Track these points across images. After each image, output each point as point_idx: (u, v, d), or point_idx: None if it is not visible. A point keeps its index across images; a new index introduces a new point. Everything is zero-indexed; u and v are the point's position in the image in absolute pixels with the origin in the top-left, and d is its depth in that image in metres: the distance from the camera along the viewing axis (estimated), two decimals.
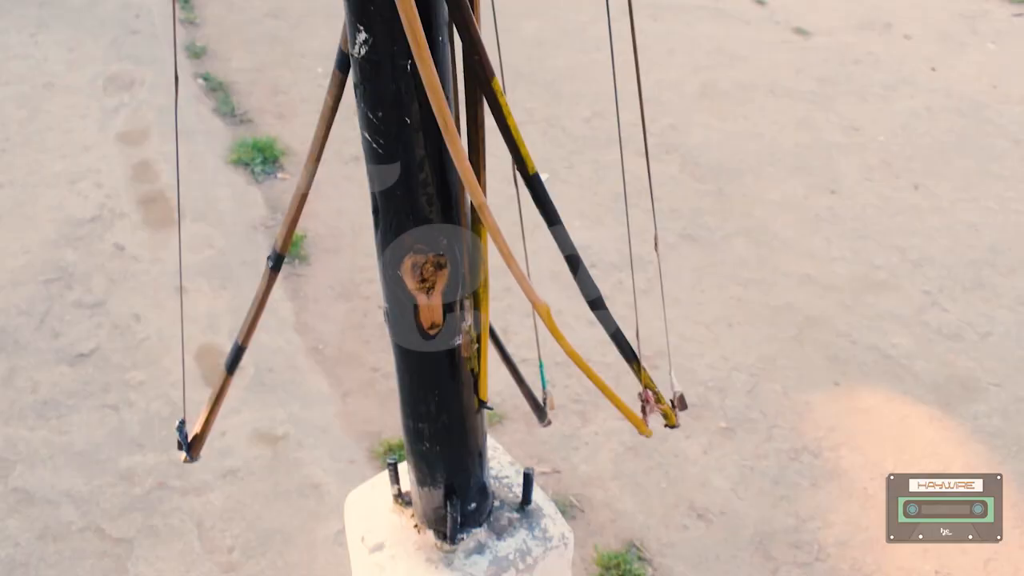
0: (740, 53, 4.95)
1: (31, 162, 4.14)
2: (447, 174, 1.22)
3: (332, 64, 1.24)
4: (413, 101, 1.17)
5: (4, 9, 5.24)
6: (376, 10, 1.13)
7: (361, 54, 1.17)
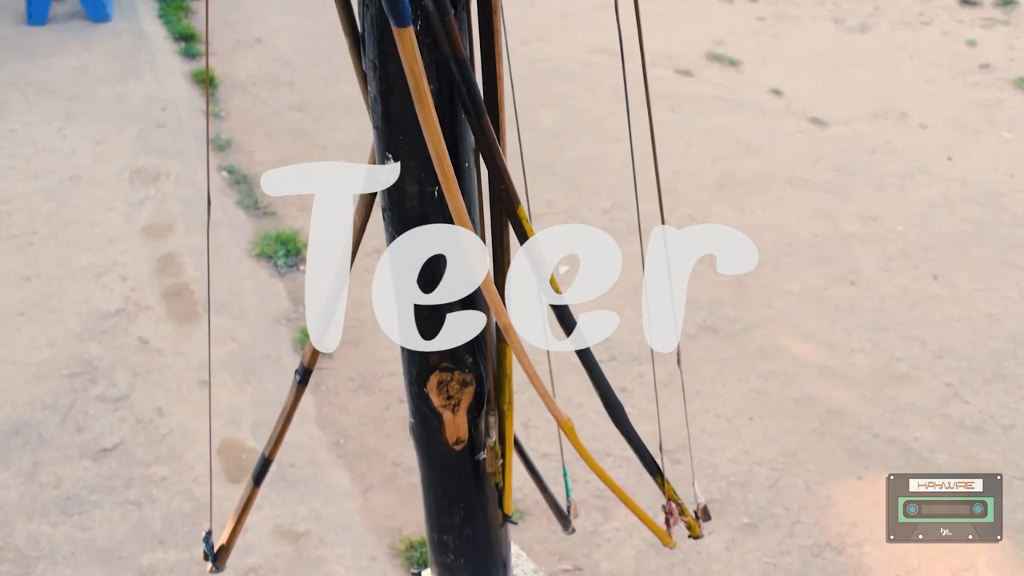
0: (757, 143, 5.04)
1: (57, 255, 4.24)
2: (473, 294, 1.28)
3: (355, 156, 1.30)
4: (440, 222, 1.23)
5: (33, 102, 5.39)
6: (405, 139, 1.20)
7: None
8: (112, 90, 5.46)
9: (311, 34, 6.11)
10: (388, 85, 1.18)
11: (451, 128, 1.19)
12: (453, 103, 1.18)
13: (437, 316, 1.27)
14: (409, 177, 1.23)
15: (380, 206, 1.29)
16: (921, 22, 6.38)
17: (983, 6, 6.59)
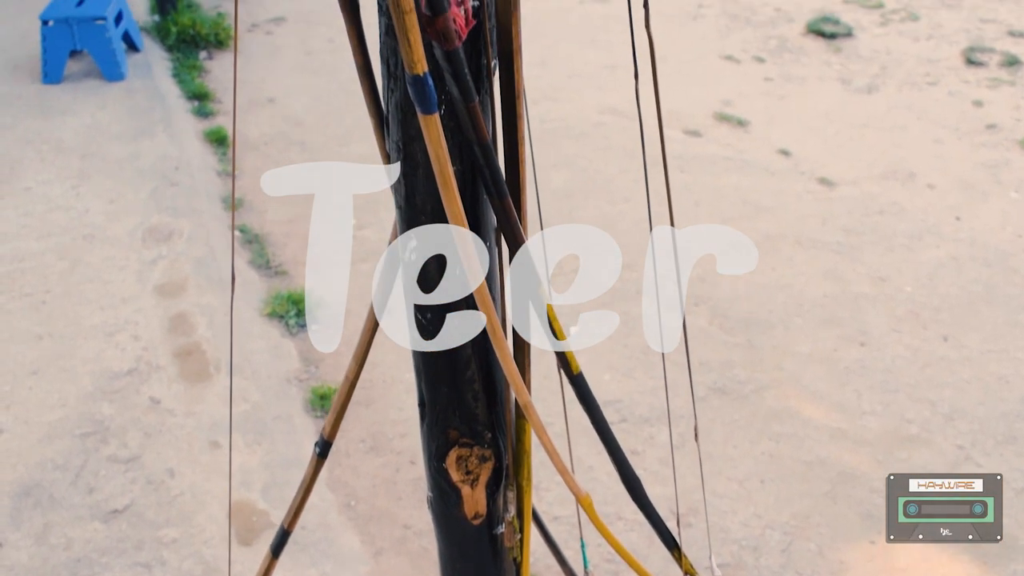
0: (766, 204, 5.08)
1: (70, 314, 4.28)
2: (492, 372, 1.30)
3: (366, 216, 1.33)
4: (461, 304, 1.26)
5: (47, 160, 5.47)
6: (426, 219, 1.23)
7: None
8: (126, 149, 5.53)
9: (323, 94, 6.20)
10: (412, 166, 1.22)
11: (473, 208, 1.23)
12: (475, 184, 1.22)
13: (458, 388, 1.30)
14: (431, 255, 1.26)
15: (403, 284, 1.32)
16: (928, 83, 6.46)
17: (989, 67, 6.67)
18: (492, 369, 1.30)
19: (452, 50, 1.06)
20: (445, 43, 1.06)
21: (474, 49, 1.17)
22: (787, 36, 7.01)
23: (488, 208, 1.24)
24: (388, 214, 3.91)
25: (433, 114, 1.05)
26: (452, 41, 1.06)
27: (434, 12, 1.04)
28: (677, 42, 6.83)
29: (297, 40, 6.94)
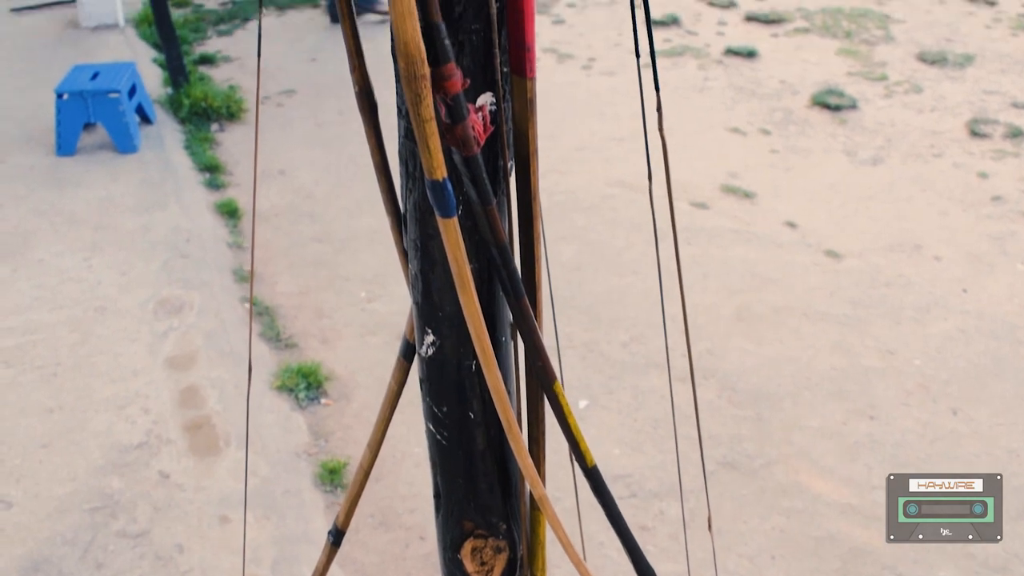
0: (773, 276, 5.13)
1: (81, 387, 4.31)
2: (508, 464, 1.34)
3: (376, 288, 1.36)
4: (476, 398, 1.30)
5: (60, 232, 5.54)
6: (444, 316, 1.28)
7: (428, 354, 1.31)
8: (138, 220, 5.62)
9: (333, 166, 6.29)
10: (429, 264, 1.27)
11: (489, 305, 1.27)
12: (492, 281, 1.27)
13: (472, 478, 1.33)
14: (448, 351, 1.30)
15: (418, 377, 1.36)
16: (932, 154, 6.53)
17: (993, 138, 6.75)
18: (507, 461, 1.34)
19: (471, 156, 1.11)
20: (464, 149, 1.11)
21: (491, 151, 1.22)
22: (792, 108, 7.12)
23: (504, 304, 1.28)
24: (398, 286, 3.99)
25: (452, 218, 1.10)
26: (471, 148, 1.11)
27: (453, 120, 1.09)
28: (684, 114, 6.93)
29: (308, 112, 7.06)
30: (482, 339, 1.17)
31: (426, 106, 1.05)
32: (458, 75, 1.08)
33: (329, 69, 7.70)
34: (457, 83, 1.08)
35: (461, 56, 1.18)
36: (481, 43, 1.19)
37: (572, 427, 1.26)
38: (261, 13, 1.42)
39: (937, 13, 8.95)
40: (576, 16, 8.97)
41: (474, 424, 1.31)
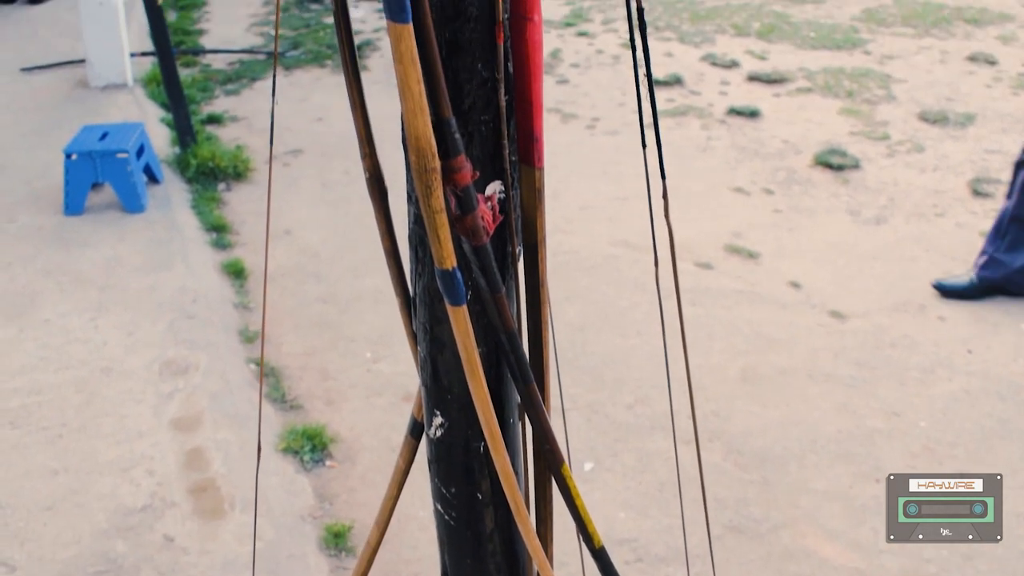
0: (778, 337, 5.15)
1: (86, 448, 4.33)
2: (515, 544, 1.36)
3: (381, 349, 1.38)
4: (485, 479, 1.32)
5: (67, 292, 5.58)
6: (453, 399, 1.30)
7: (437, 435, 1.33)
8: (144, 280, 5.66)
9: (339, 226, 6.35)
10: (438, 347, 1.29)
11: (497, 387, 1.30)
12: (500, 365, 1.29)
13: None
14: (456, 433, 1.32)
15: (427, 458, 1.38)
16: (935, 214, 6.58)
17: (995, 198, 6.79)
18: (515, 542, 1.35)
19: (480, 246, 1.14)
20: (474, 239, 1.15)
21: (499, 238, 1.26)
22: (795, 168, 7.18)
23: (512, 386, 1.31)
24: (403, 347, 4.03)
25: (462, 306, 1.13)
26: (480, 238, 1.14)
27: (463, 211, 1.13)
28: (688, 174, 7.00)
29: (314, 172, 7.14)
30: (490, 423, 1.19)
31: (436, 198, 1.09)
32: (468, 167, 1.12)
33: (336, 129, 7.79)
34: (467, 175, 1.12)
35: (471, 146, 1.22)
36: (490, 133, 1.23)
37: (580, 509, 1.28)
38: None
39: (938, 72, 9.06)
40: (580, 76, 9.09)
41: (482, 505, 1.33)
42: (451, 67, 1.20)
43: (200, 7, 11.29)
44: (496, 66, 1.20)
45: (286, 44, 9.81)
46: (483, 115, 1.22)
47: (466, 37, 1.20)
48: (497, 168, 1.23)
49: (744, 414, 4.58)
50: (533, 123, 1.22)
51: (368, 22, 10.31)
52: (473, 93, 1.21)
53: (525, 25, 1.19)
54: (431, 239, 1.11)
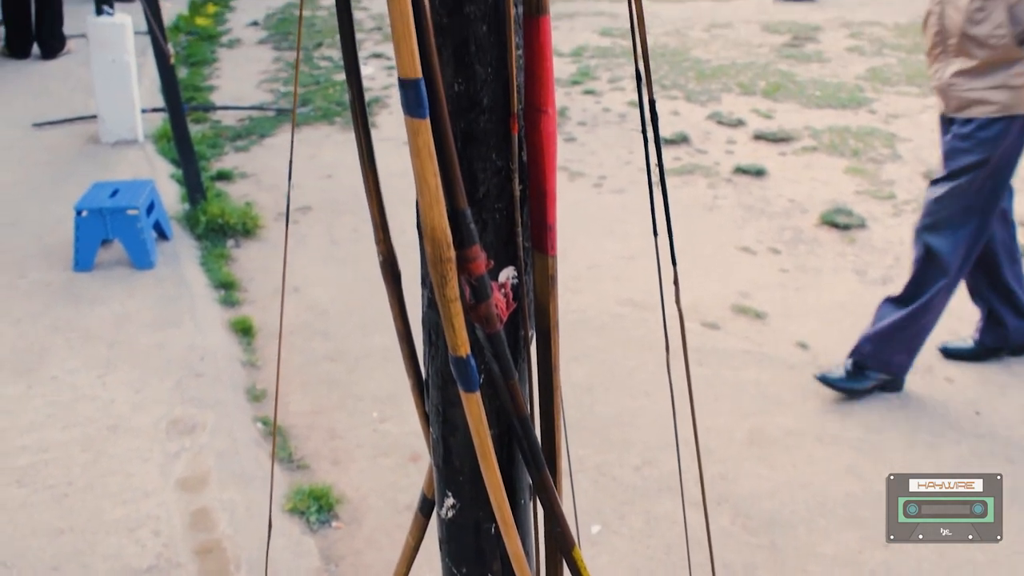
0: (786, 399, 5.16)
1: (92, 507, 4.33)
2: None
3: (388, 408, 1.40)
4: (496, 560, 1.34)
5: (75, 349, 5.61)
6: (464, 480, 1.32)
7: (448, 516, 1.35)
8: (153, 338, 5.69)
9: (347, 284, 6.39)
10: (450, 429, 1.32)
11: (509, 468, 1.32)
12: (511, 446, 1.31)
13: None
14: (467, 514, 1.34)
15: (438, 538, 1.39)
16: None
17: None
18: None
19: (494, 333, 1.17)
20: (487, 327, 1.17)
21: (512, 322, 1.28)
22: (802, 227, 7.23)
23: (523, 468, 1.33)
24: (410, 406, 4.03)
25: (475, 392, 1.15)
26: (494, 325, 1.17)
27: (477, 299, 1.16)
28: (694, 233, 7.04)
29: (323, 229, 7.19)
30: (502, 506, 1.21)
31: (451, 287, 1.11)
32: (482, 257, 1.15)
33: (345, 186, 7.86)
34: (481, 265, 1.15)
35: (485, 233, 1.25)
36: (504, 221, 1.26)
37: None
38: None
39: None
40: (587, 134, 9.18)
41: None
42: (466, 156, 1.23)
43: (211, 63, 11.44)
44: (511, 156, 1.23)
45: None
46: (497, 203, 1.25)
47: (481, 128, 1.23)
48: (510, 254, 1.26)
49: (752, 477, 4.57)
50: (547, 212, 1.25)
51: (377, 79, 10.44)
52: (488, 182, 1.24)
53: (539, 117, 1.23)
54: (445, 327, 1.14)
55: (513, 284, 1.26)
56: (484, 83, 1.23)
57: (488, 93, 1.23)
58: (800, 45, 11.79)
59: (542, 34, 1.23)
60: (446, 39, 1.22)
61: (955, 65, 4.83)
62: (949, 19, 4.81)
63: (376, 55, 11.18)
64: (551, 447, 1.31)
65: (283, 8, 14.03)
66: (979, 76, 4.75)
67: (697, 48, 11.71)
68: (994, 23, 4.62)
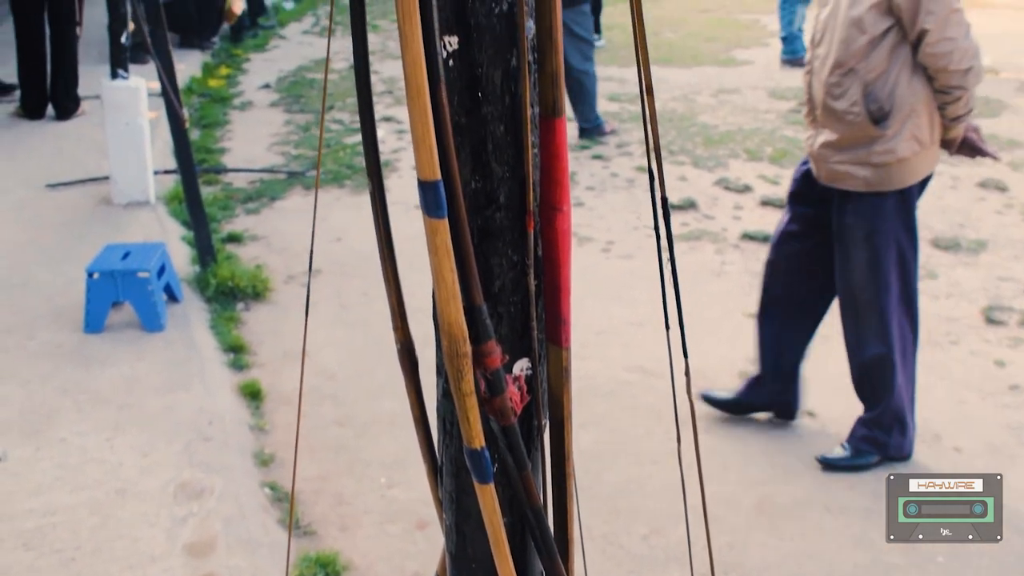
0: (794, 467, 5.17)
1: (99, 572, 4.35)
2: None
3: (396, 474, 1.42)
4: None
5: (84, 411, 5.64)
6: (478, 567, 1.35)
7: None
8: (162, 401, 5.72)
9: (356, 347, 6.43)
10: (463, 516, 1.35)
11: (522, 558, 1.34)
12: (525, 534, 1.34)
13: None
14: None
15: None
16: (949, 342, 6.63)
17: (1008, 325, 6.85)
18: None
19: (508, 425, 1.20)
20: (502, 419, 1.21)
21: (526, 412, 1.32)
22: None
23: (534, 554, 1.35)
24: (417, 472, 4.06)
25: (489, 484, 1.18)
26: (508, 418, 1.21)
27: (492, 393, 1.20)
28: (702, 299, 7.08)
29: (332, 292, 7.24)
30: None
31: (467, 381, 1.15)
32: (498, 352, 1.19)
33: (354, 249, 7.92)
34: (497, 359, 1.19)
35: (500, 326, 1.29)
36: (519, 313, 1.31)
37: None
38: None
39: (949, 199, 9.19)
40: (595, 199, 9.26)
41: None
42: (483, 251, 1.28)
43: (223, 125, 11.58)
44: (526, 251, 1.28)
45: (306, 164, 10.04)
46: (513, 296, 1.29)
47: (497, 224, 1.28)
48: (525, 346, 1.30)
49: (760, 546, 4.57)
50: (561, 306, 1.29)
51: (387, 142, 10.56)
52: (504, 276, 1.29)
53: (555, 215, 1.27)
54: (461, 420, 1.17)
55: (527, 375, 1.29)
56: (501, 181, 1.28)
57: (505, 191, 1.28)
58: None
59: (558, 135, 1.28)
60: (464, 138, 1.28)
61: (823, 136, 4.80)
62: (815, 90, 4.81)
63: (387, 118, 11.30)
64: (564, 536, 1.34)
65: (295, 71, 14.21)
66: (842, 150, 4.71)
67: (704, 114, 11.84)
68: (850, 99, 4.59)
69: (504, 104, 1.28)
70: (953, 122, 4.68)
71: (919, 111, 4.60)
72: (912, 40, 4.47)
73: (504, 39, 1.27)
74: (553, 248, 1.29)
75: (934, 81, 4.52)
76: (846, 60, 4.56)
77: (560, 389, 1.30)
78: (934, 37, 4.37)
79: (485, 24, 1.25)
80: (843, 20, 4.57)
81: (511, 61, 1.27)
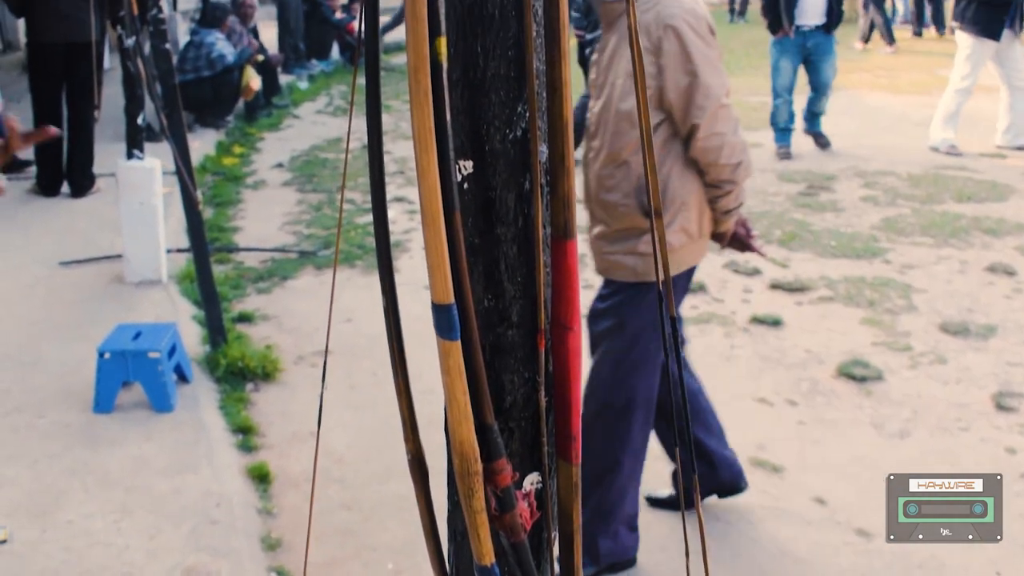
0: (804, 556, 5.14)
1: None
2: None
3: (403, 560, 1.44)
4: None
5: (92, 493, 5.65)
6: None
7: None
8: (169, 483, 5.73)
9: (364, 429, 6.44)
10: None
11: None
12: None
13: None
14: None
15: None
16: (959, 428, 6.62)
17: (1019, 412, 6.84)
18: None
19: (518, 542, 1.23)
20: (512, 536, 1.23)
21: (536, 525, 1.35)
22: (818, 378, 7.27)
23: None
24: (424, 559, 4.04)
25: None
26: (519, 535, 1.23)
27: (503, 510, 1.22)
28: (711, 384, 7.06)
29: (342, 373, 7.27)
30: None
31: (478, 499, 1.18)
32: (508, 469, 1.22)
33: (364, 330, 7.97)
34: (507, 477, 1.22)
35: (510, 441, 1.32)
36: (530, 428, 1.34)
37: None
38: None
39: (957, 283, 9.23)
40: None
41: None
42: (494, 368, 1.32)
43: (236, 204, 11.72)
44: (537, 368, 1.32)
45: (318, 243, 10.14)
46: (524, 412, 1.32)
47: (509, 341, 1.32)
48: (535, 460, 1.33)
49: None
50: (571, 423, 1.32)
51: (398, 223, 10.67)
52: (515, 392, 1.32)
53: (566, 334, 1.31)
54: (471, 536, 1.20)
55: (537, 489, 1.32)
56: (513, 300, 1.32)
57: (517, 309, 1.32)
58: (815, 194, 12.02)
59: (569, 256, 1.33)
60: (478, 258, 1.32)
61: (597, 227, 4.74)
62: (588, 182, 4.74)
63: (399, 199, 11.44)
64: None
65: (308, 151, 14.42)
66: (614, 241, 4.62)
67: None
68: (622, 191, 4.51)
69: (517, 226, 1.32)
70: (724, 216, 4.63)
71: (689, 204, 4.54)
72: (683, 135, 4.44)
73: (517, 163, 1.32)
74: (563, 365, 1.32)
75: (705, 175, 4.49)
76: (619, 153, 4.48)
77: (570, 504, 1.33)
78: (704, 132, 4.34)
79: (500, 149, 1.30)
80: (615, 114, 4.49)
81: (524, 184, 1.33)
